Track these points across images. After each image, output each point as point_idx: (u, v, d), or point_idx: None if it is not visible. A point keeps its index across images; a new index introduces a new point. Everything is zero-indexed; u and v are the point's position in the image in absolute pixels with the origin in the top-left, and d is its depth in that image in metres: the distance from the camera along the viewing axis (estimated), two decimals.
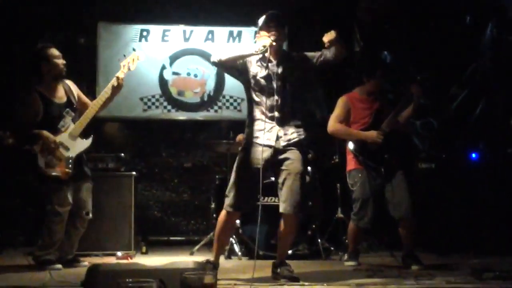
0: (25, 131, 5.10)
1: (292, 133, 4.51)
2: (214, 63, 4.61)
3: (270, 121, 4.49)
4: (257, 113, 4.55)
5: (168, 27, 7.94)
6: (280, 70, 4.53)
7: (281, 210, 4.48)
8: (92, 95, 7.44)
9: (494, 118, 6.89)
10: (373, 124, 5.36)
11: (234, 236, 6.05)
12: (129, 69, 5.42)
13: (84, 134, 5.25)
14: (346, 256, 5.55)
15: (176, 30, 7.94)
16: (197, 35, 7.97)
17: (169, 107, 7.88)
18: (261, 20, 4.54)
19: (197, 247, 6.23)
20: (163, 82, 7.87)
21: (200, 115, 7.89)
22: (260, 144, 4.47)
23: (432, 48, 7.27)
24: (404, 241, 5.28)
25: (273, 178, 4.78)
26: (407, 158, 5.64)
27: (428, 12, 7.40)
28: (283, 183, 4.46)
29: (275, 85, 4.51)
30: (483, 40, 7.13)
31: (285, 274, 4.46)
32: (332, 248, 6.19)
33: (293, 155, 4.48)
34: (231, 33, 7.97)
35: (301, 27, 8.11)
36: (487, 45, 7.10)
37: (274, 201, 5.64)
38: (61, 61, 5.22)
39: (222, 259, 5.71)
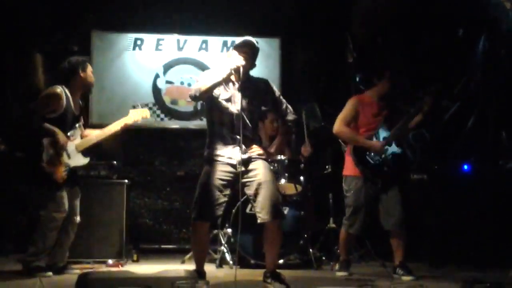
0: (35, 122, 5.07)
1: (253, 151, 4.63)
2: (193, 98, 4.67)
3: (231, 143, 4.58)
4: (218, 134, 4.63)
5: (162, 36, 7.95)
6: (241, 94, 4.58)
7: (260, 220, 4.54)
8: (85, 103, 7.47)
9: (486, 130, 6.91)
10: (379, 132, 5.29)
11: (225, 245, 6.04)
12: (135, 121, 5.64)
13: (84, 153, 5.34)
14: (337, 266, 5.53)
15: (170, 39, 7.95)
16: (191, 44, 7.98)
17: (162, 115, 7.88)
18: (236, 42, 4.67)
19: (188, 255, 6.21)
20: (156, 91, 7.87)
21: (193, 124, 7.89)
22: (223, 162, 4.57)
23: (425, 60, 7.30)
24: (395, 252, 5.28)
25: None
26: (403, 170, 5.60)
27: (420, 24, 7.44)
28: (256, 194, 4.54)
29: (235, 109, 4.58)
30: (476, 52, 7.16)
31: (276, 284, 4.47)
32: (324, 258, 6.19)
33: (258, 165, 4.60)
34: (225, 42, 7.99)
35: (295, 39, 8.16)
36: (479, 57, 7.13)
37: None
38: (93, 78, 5.43)
39: (213, 267, 5.74)
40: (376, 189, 5.27)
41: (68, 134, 5.18)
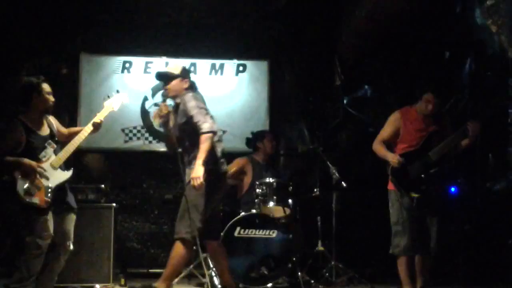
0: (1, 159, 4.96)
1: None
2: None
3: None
4: None
5: (150, 59, 7.95)
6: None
7: None
8: (73, 125, 7.45)
9: (473, 152, 6.93)
10: (423, 148, 5.01)
11: (214, 269, 6.01)
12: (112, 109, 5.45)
13: (65, 166, 5.17)
14: None
15: (159, 62, 7.94)
16: None
17: (150, 138, 7.85)
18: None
19: (176, 279, 6.17)
20: (144, 114, 7.85)
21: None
22: None
23: (412, 82, 7.35)
24: (418, 276, 5.11)
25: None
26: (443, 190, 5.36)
27: (408, 47, 7.51)
28: None
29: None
30: (462, 75, 7.22)
31: None
32: (312, 281, 6.15)
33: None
34: (213, 65, 8.00)
35: (282, 62, 8.20)
36: (466, 79, 7.18)
37: (255, 234, 5.70)
38: (51, 98, 5.18)
39: None
40: (411, 206, 4.97)
41: (39, 157, 5.01)
